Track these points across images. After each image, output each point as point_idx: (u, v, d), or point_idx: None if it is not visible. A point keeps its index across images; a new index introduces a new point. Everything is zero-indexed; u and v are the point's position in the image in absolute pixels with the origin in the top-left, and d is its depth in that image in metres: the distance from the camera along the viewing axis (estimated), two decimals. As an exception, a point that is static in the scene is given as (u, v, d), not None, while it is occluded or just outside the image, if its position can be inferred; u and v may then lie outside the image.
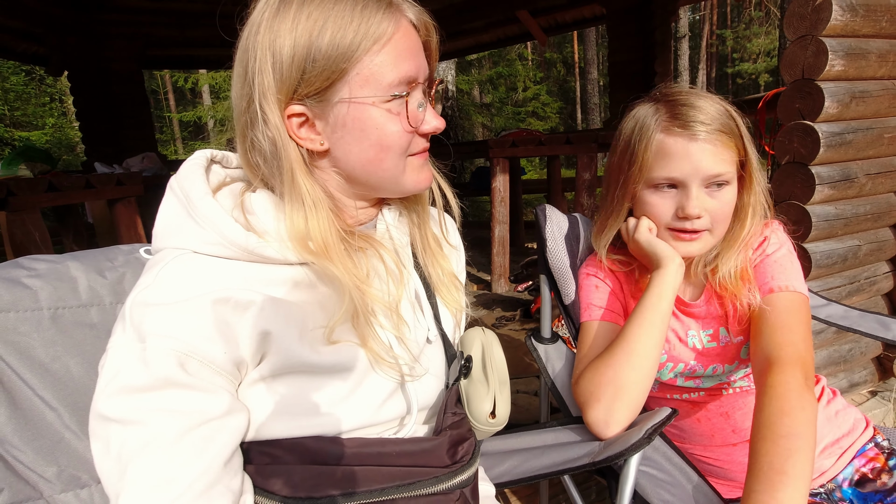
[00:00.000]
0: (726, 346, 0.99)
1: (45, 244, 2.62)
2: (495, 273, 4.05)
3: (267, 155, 0.61)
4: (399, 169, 0.66)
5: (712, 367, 0.99)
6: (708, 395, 1.02)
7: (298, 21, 0.58)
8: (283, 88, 0.59)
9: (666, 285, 0.92)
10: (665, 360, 1.01)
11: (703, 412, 1.03)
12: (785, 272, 0.93)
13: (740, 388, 1.02)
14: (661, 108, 0.92)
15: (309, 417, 0.61)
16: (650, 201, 0.95)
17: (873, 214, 1.92)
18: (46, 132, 15.26)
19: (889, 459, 0.99)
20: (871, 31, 1.72)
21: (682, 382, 1.02)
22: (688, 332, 1.01)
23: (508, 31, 7.31)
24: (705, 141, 0.88)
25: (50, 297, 0.66)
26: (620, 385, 0.87)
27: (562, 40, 19.63)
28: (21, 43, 5.72)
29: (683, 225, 0.92)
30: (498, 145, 3.88)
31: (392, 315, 0.67)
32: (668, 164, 0.90)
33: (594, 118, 15.56)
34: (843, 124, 1.74)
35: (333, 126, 0.62)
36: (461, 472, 0.68)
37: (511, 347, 2.85)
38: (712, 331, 1.00)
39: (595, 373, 0.92)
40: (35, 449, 0.62)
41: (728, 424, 1.01)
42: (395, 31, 0.60)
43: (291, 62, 0.58)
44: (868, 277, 2.00)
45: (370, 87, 0.60)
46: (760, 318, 0.90)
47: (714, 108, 0.90)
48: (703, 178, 0.89)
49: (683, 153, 0.89)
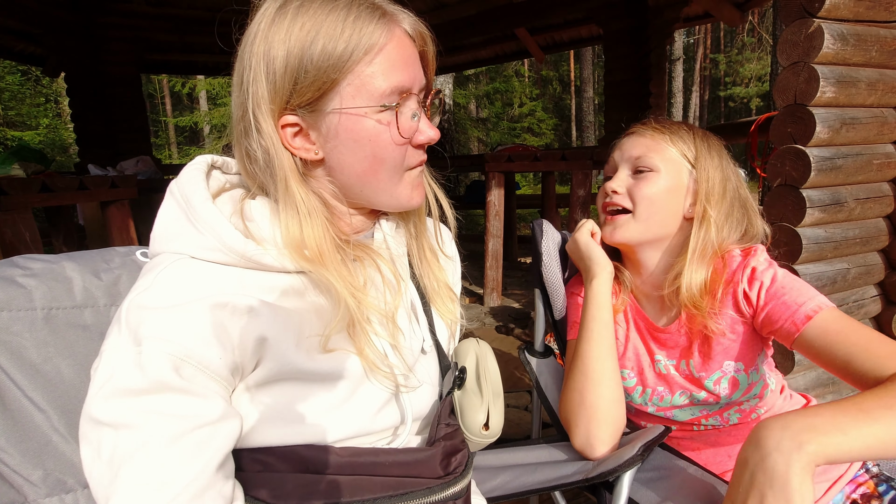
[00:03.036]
0: (689, 378, 0.99)
1: (35, 244, 2.59)
2: (488, 286, 4.06)
3: (261, 164, 0.62)
4: (394, 182, 0.66)
5: (679, 393, 0.99)
6: (679, 431, 1.02)
7: (292, 31, 0.58)
8: (275, 98, 0.59)
9: (602, 294, 0.97)
10: (634, 383, 1.02)
11: (678, 442, 1.03)
12: (802, 292, 0.87)
13: (713, 427, 1.01)
14: None
15: (302, 425, 0.61)
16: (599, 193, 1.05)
17: (862, 238, 1.95)
18: (40, 132, 15.15)
19: (879, 486, 1.00)
20: (861, 61, 1.77)
21: (652, 411, 1.02)
22: (654, 356, 1.02)
23: (506, 48, 7.40)
24: (637, 133, 1.00)
25: (44, 297, 0.65)
26: (590, 406, 0.89)
27: (558, 58, 19.87)
28: (18, 43, 5.70)
29: (606, 201, 1.00)
30: (494, 159, 3.91)
31: (388, 324, 0.67)
32: (610, 157, 1.05)
33: (589, 136, 15.72)
34: (834, 149, 1.78)
35: (326, 136, 0.62)
36: (454, 483, 0.68)
37: (501, 361, 2.85)
38: (675, 361, 1.01)
39: (566, 399, 0.94)
40: (21, 451, 0.61)
41: (700, 458, 1.01)
42: (387, 41, 0.60)
43: (284, 72, 0.58)
44: (856, 300, 2.03)
45: (362, 97, 0.60)
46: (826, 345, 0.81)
47: (676, 122, 1.01)
48: (625, 160, 0.99)
49: (619, 146, 1.04)
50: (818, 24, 1.64)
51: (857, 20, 1.73)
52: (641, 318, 1.04)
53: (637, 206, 0.95)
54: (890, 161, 1.94)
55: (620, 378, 0.93)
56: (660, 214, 0.95)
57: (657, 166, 0.94)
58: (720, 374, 0.95)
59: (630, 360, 1.03)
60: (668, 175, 0.94)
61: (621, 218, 0.97)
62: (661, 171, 0.94)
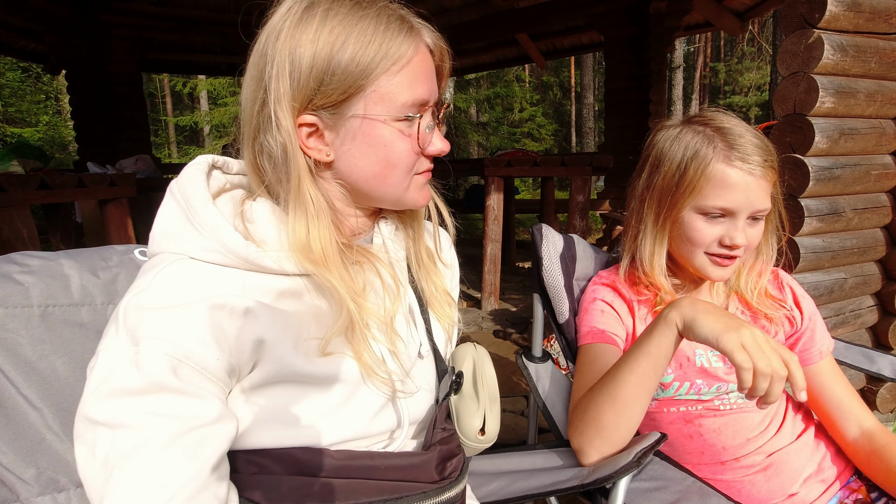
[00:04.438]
0: (733, 367, 0.99)
1: (32, 241, 2.58)
2: (486, 291, 4.05)
3: (277, 160, 0.61)
4: (403, 186, 0.67)
5: (716, 386, 1.00)
6: (705, 409, 1.02)
7: (321, 33, 0.58)
8: (297, 97, 0.60)
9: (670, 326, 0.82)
10: (671, 379, 1.01)
11: (694, 428, 1.02)
12: (826, 336, 1.03)
13: (735, 405, 1.02)
14: (714, 137, 0.94)
15: (298, 427, 0.61)
16: (696, 226, 0.96)
17: (859, 248, 1.96)
18: (40, 130, 15.14)
19: (871, 492, 1.00)
20: (861, 72, 1.78)
21: (682, 395, 1.03)
22: (695, 350, 1.02)
23: (507, 53, 7.44)
24: (761, 177, 0.92)
25: (41, 294, 0.65)
26: (601, 427, 0.87)
27: (559, 64, 19.96)
28: (20, 39, 5.72)
29: (724, 251, 0.95)
30: (494, 164, 3.91)
31: (386, 329, 0.67)
32: (725, 193, 0.92)
33: (588, 142, 15.77)
34: (833, 159, 1.78)
35: (343, 138, 0.63)
36: (449, 488, 0.68)
37: (498, 366, 2.84)
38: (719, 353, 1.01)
39: (580, 407, 0.92)
40: (15, 449, 0.60)
41: (719, 440, 1.01)
42: (413, 55, 0.62)
43: (310, 72, 0.59)
44: (853, 310, 2.03)
45: (384, 106, 0.61)
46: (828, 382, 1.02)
47: (762, 142, 0.95)
48: (752, 211, 0.93)
49: (743, 186, 0.91)
50: (818, 35, 1.66)
51: (857, 31, 1.74)
52: None
53: (748, 252, 0.99)
54: (888, 172, 1.95)
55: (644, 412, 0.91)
56: None
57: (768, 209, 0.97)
58: None
59: None
60: None
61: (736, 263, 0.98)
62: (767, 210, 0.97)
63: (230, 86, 15.50)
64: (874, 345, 2.17)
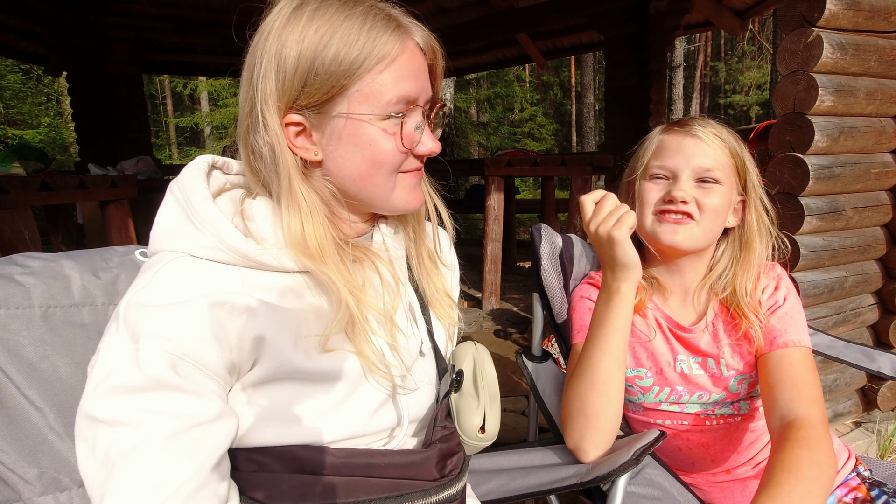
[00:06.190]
0: (714, 377, 1.00)
1: (34, 243, 2.59)
2: (486, 290, 4.06)
3: (266, 160, 0.62)
4: (389, 186, 0.67)
5: (697, 395, 1.00)
6: (691, 425, 1.02)
7: (306, 33, 0.59)
8: (283, 97, 0.60)
9: (627, 303, 0.89)
10: (651, 383, 1.02)
11: (683, 441, 1.03)
12: (796, 325, 0.97)
13: (722, 418, 1.02)
14: (668, 122, 1.02)
15: (298, 425, 0.61)
16: (644, 188, 1.01)
17: (860, 247, 1.96)
18: (41, 131, 15.16)
19: (871, 490, 1.00)
20: (860, 70, 1.78)
21: (665, 407, 1.03)
22: (677, 356, 1.02)
23: (508, 53, 7.43)
24: (699, 138, 0.96)
25: (42, 295, 0.65)
26: (589, 413, 0.88)
27: (559, 64, 19.95)
28: (20, 41, 5.72)
29: (670, 207, 0.97)
30: (494, 164, 3.91)
31: (386, 323, 0.67)
32: (663, 155, 0.99)
33: (589, 142, 15.76)
34: (832, 158, 1.78)
35: (329, 138, 0.63)
36: (449, 486, 0.68)
37: (499, 365, 2.85)
38: (701, 359, 1.01)
39: (566, 401, 0.93)
40: (17, 449, 0.61)
41: (708, 454, 1.02)
42: (400, 53, 0.62)
43: (294, 72, 0.59)
44: (853, 309, 2.03)
45: (368, 105, 0.61)
46: (777, 371, 0.92)
47: (720, 125, 0.98)
48: (692, 169, 0.96)
49: (678, 146, 0.98)
50: (817, 34, 1.65)
51: (857, 30, 1.74)
52: (664, 318, 1.04)
53: (703, 216, 0.96)
54: (888, 170, 1.95)
55: (624, 388, 0.93)
56: (716, 224, 0.98)
57: (722, 180, 0.96)
58: (746, 374, 0.98)
59: (648, 360, 1.03)
60: (728, 188, 0.97)
61: (688, 223, 0.96)
62: (724, 185, 0.97)
63: (231, 87, 15.52)
64: (875, 343, 2.16)
